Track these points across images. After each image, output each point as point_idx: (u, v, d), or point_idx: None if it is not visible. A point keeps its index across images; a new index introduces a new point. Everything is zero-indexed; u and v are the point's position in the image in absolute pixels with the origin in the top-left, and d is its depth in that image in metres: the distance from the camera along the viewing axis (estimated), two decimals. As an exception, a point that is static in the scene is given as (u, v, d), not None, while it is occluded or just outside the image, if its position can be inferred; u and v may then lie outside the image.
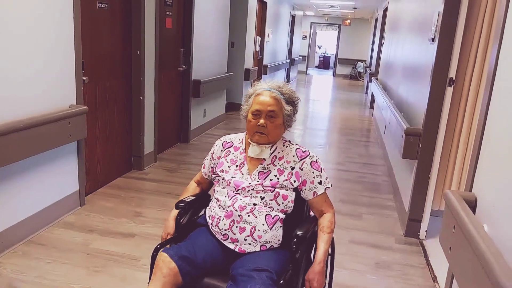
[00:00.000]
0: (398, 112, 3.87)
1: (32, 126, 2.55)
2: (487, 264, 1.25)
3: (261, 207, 1.70)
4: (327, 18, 17.99)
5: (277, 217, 1.71)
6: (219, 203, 1.75)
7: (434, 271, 2.70)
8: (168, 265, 1.55)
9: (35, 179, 2.78)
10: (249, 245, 1.69)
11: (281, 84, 1.83)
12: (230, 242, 1.70)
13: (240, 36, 7.57)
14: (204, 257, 1.64)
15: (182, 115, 5.32)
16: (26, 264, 2.48)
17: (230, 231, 1.69)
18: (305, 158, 1.78)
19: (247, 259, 1.64)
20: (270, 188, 1.72)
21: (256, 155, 1.78)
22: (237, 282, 1.53)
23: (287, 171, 1.76)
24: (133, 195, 3.62)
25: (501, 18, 1.72)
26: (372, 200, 3.90)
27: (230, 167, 1.79)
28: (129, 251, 2.70)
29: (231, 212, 1.70)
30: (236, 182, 1.74)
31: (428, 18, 3.32)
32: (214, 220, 1.74)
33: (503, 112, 1.61)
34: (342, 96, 11.93)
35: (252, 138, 1.78)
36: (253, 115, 1.75)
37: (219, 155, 1.87)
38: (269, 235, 1.69)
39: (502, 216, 1.48)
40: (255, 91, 1.80)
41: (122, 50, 3.82)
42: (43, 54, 2.70)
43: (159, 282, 1.53)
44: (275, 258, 1.65)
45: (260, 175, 1.75)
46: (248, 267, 1.57)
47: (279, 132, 1.79)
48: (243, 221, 1.69)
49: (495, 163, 1.62)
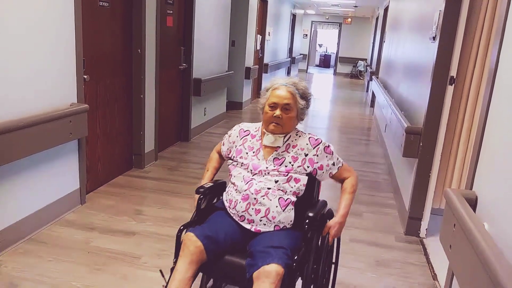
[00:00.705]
0: (398, 111, 3.87)
1: (33, 124, 2.55)
2: (487, 262, 1.25)
3: (274, 191, 1.85)
4: (328, 16, 17.98)
5: (289, 200, 1.86)
6: (235, 187, 1.90)
7: (434, 269, 2.71)
8: (194, 244, 1.69)
9: (36, 177, 2.79)
10: (264, 225, 1.84)
11: (296, 80, 2.00)
12: (246, 223, 1.85)
13: (240, 34, 7.57)
14: (224, 236, 1.78)
15: (182, 113, 5.32)
16: (27, 262, 2.49)
17: (247, 213, 1.85)
18: (319, 145, 1.95)
19: (263, 237, 1.79)
20: (284, 173, 1.88)
21: (270, 144, 1.94)
22: (256, 258, 1.67)
23: (301, 157, 1.92)
24: (133, 193, 3.62)
25: (502, 16, 1.72)
26: (372, 199, 3.90)
27: (248, 153, 1.97)
28: (130, 249, 2.70)
29: (247, 195, 1.85)
30: (254, 165, 1.91)
31: (429, 17, 3.32)
32: (231, 203, 1.88)
33: (503, 110, 1.62)
34: (342, 94, 11.92)
35: (268, 128, 1.94)
36: (269, 107, 1.92)
37: (234, 140, 2.04)
38: (282, 216, 1.84)
39: (503, 214, 1.48)
40: (272, 85, 1.96)
41: (123, 48, 3.82)
42: (44, 53, 2.70)
43: (187, 258, 1.68)
44: (289, 237, 1.79)
45: (275, 161, 1.91)
46: (264, 245, 1.72)
47: (292, 123, 1.95)
48: (258, 203, 1.84)
49: (496, 162, 1.62)
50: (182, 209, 3.36)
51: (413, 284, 2.56)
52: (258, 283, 1.60)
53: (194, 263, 1.69)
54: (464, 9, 2.75)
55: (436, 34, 2.98)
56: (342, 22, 17.93)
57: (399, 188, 3.80)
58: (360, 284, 2.52)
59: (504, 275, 1.17)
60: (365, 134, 6.87)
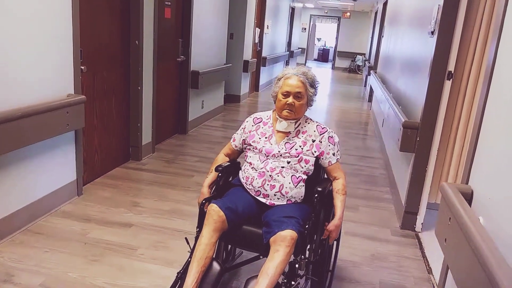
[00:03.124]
0: (396, 106, 3.88)
1: (30, 115, 2.54)
2: (481, 256, 1.26)
3: (287, 170, 2.07)
4: (326, 10, 17.91)
5: (300, 177, 2.08)
6: (252, 166, 2.12)
7: (429, 263, 2.73)
8: (218, 213, 1.90)
9: (32, 168, 2.78)
10: (277, 199, 2.06)
11: (306, 70, 2.17)
12: (262, 197, 2.08)
13: (239, 27, 7.54)
14: (243, 208, 2.00)
15: (180, 106, 5.31)
16: (23, 252, 2.49)
17: (262, 188, 2.06)
18: (324, 133, 2.16)
19: (277, 209, 2.01)
20: (295, 155, 2.08)
21: (283, 129, 2.13)
22: (271, 226, 1.89)
23: (309, 143, 2.12)
24: (130, 185, 3.62)
25: (500, 12, 1.72)
26: (368, 193, 3.92)
27: (260, 139, 2.16)
28: (127, 241, 2.71)
29: (263, 172, 2.07)
30: (267, 149, 2.11)
31: (428, 11, 3.32)
32: (248, 180, 2.10)
33: (500, 106, 1.62)
34: (340, 89, 11.91)
35: (281, 114, 2.12)
36: (282, 95, 2.10)
37: (250, 129, 2.22)
38: (294, 191, 2.06)
39: (498, 209, 1.49)
40: (284, 75, 2.14)
41: (120, 40, 3.80)
42: (41, 43, 2.68)
43: (211, 226, 1.90)
44: (300, 210, 2.02)
45: (286, 145, 2.11)
46: (279, 215, 1.94)
47: (303, 109, 2.15)
48: (273, 180, 2.06)
49: (492, 157, 1.63)
50: (179, 201, 3.36)
51: (408, 278, 2.58)
52: (275, 246, 1.82)
53: (217, 231, 1.90)
54: (463, 3, 2.74)
55: (434, 28, 2.98)
56: (341, 16, 17.87)
57: (396, 182, 3.82)
58: (356, 278, 2.53)
59: (498, 269, 1.18)
60: (363, 129, 6.87)
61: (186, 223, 3.01)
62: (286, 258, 1.81)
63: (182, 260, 2.45)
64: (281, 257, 1.80)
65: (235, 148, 2.29)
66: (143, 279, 2.34)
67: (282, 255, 1.80)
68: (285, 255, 1.80)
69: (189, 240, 2.06)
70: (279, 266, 1.79)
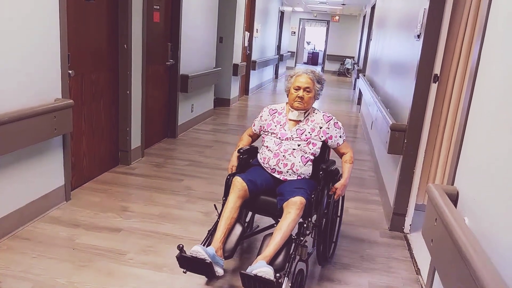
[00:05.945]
0: (384, 108, 3.91)
1: (17, 119, 2.52)
2: (466, 256, 1.28)
3: (298, 151, 2.49)
4: (316, 14, 18.03)
5: (308, 158, 2.50)
6: (268, 148, 2.54)
7: (418, 264, 2.75)
8: (241, 184, 2.35)
9: (20, 173, 2.75)
10: (289, 175, 2.49)
11: (313, 70, 2.69)
12: (276, 174, 2.50)
13: (228, 31, 7.55)
14: (261, 182, 2.44)
15: (169, 110, 5.30)
16: (10, 258, 2.46)
17: (277, 166, 2.49)
18: (330, 121, 2.59)
19: (289, 183, 2.45)
20: (305, 139, 2.51)
21: (295, 118, 2.56)
22: (284, 195, 2.32)
23: (316, 129, 2.55)
24: (119, 189, 3.60)
25: (483, 16, 1.75)
26: (358, 195, 3.94)
27: (276, 126, 2.59)
28: (115, 246, 2.69)
29: (277, 153, 2.50)
30: (282, 134, 2.55)
31: (414, 15, 3.36)
32: (265, 160, 2.53)
33: (484, 108, 1.65)
34: (330, 92, 11.97)
35: (293, 105, 2.55)
36: (294, 90, 2.55)
37: (266, 118, 2.66)
38: (303, 169, 2.48)
39: (483, 209, 1.51)
40: (296, 73, 2.60)
41: (109, 43, 3.79)
42: (28, 47, 2.66)
43: (236, 194, 2.33)
44: (307, 183, 2.45)
45: (297, 131, 2.54)
46: (290, 187, 2.38)
47: (311, 102, 2.58)
48: (286, 159, 2.48)
49: (476, 158, 1.66)
50: (168, 206, 3.35)
51: (397, 279, 2.60)
52: (287, 209, 2.24)
53: (240, 198, 2.33)
54: (448, 7, 2.78)
55: (420, 32, 3.02)
56: (330, 20, 18.00)
57: (384, 184, 3.85)
58: (345, 279, 2.55)
59: (482, 269, 1.20)
60: (352, 132, 6.92)
61: (175, 227, 3.00)
62: (296, 218, 2.22)
63: (172, 264, 2.45)
64: (292, 216, 2.20)
65: (254, 132, 2.74)
66: (133, 284, 2.33)
67: (293, 215, 2.20)
68: (295, 216, 2.21)
69: (217, 206, 2.51)
70: (290, 223, 2.19)
